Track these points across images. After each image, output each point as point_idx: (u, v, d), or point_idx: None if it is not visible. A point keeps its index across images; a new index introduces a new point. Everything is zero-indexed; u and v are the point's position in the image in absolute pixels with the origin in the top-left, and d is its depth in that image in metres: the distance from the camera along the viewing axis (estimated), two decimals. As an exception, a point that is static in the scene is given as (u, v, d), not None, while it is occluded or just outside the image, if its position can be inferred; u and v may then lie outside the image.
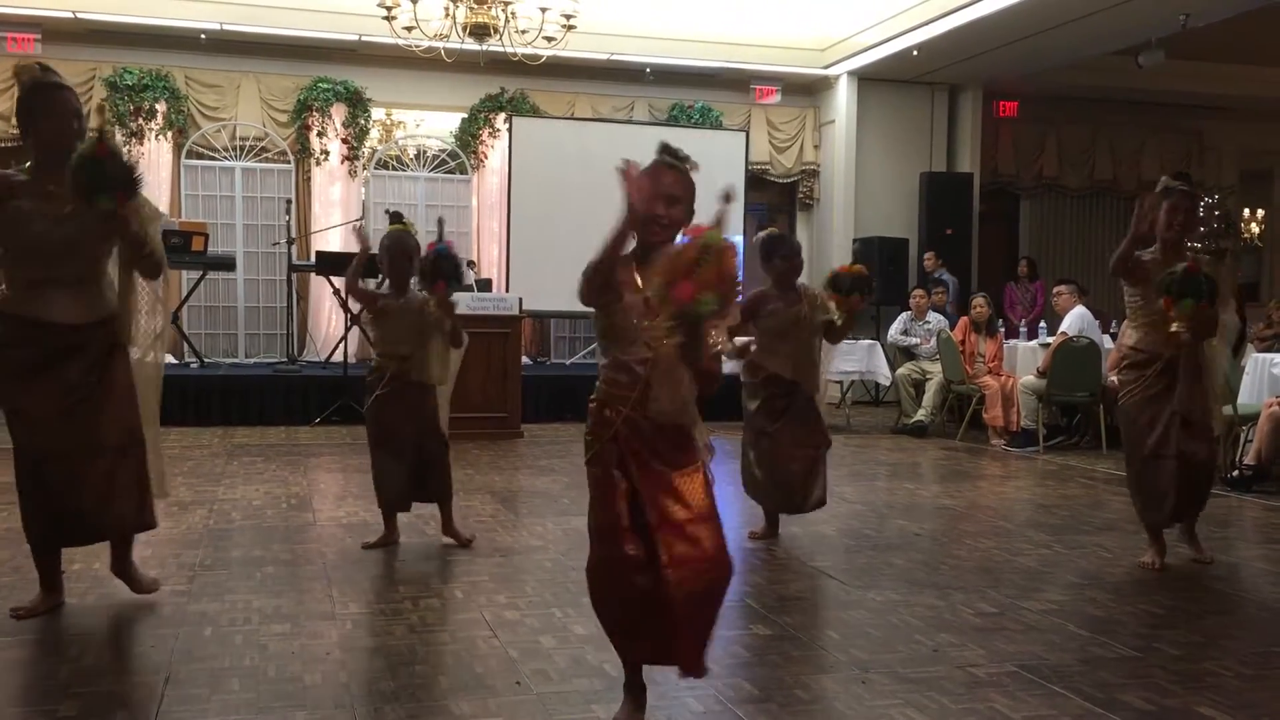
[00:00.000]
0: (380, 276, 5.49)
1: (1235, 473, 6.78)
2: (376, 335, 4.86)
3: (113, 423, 3.68)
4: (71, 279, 3.61)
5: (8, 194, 3.55)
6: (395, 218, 4.83)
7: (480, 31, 9.30)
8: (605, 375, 2.76)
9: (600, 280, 2.68)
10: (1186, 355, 4.58)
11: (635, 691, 2.86)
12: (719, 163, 11.63)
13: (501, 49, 9.57)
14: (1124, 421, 4.86)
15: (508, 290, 10.82)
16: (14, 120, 3.67)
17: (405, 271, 4.74)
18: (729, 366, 3.42)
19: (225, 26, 10.68)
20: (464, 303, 7.91)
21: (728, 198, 2.66)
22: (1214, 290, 4.39)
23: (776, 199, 13.14)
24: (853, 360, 9.93)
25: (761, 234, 5.19)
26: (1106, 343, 9.09)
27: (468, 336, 4.89)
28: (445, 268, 4.57)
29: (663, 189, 2.75)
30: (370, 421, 4.83)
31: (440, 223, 4.90)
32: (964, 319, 9.44)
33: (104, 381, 3.66)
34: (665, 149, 2.84)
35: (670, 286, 2.42)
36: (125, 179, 3.45)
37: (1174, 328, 4.43)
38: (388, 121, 12.76)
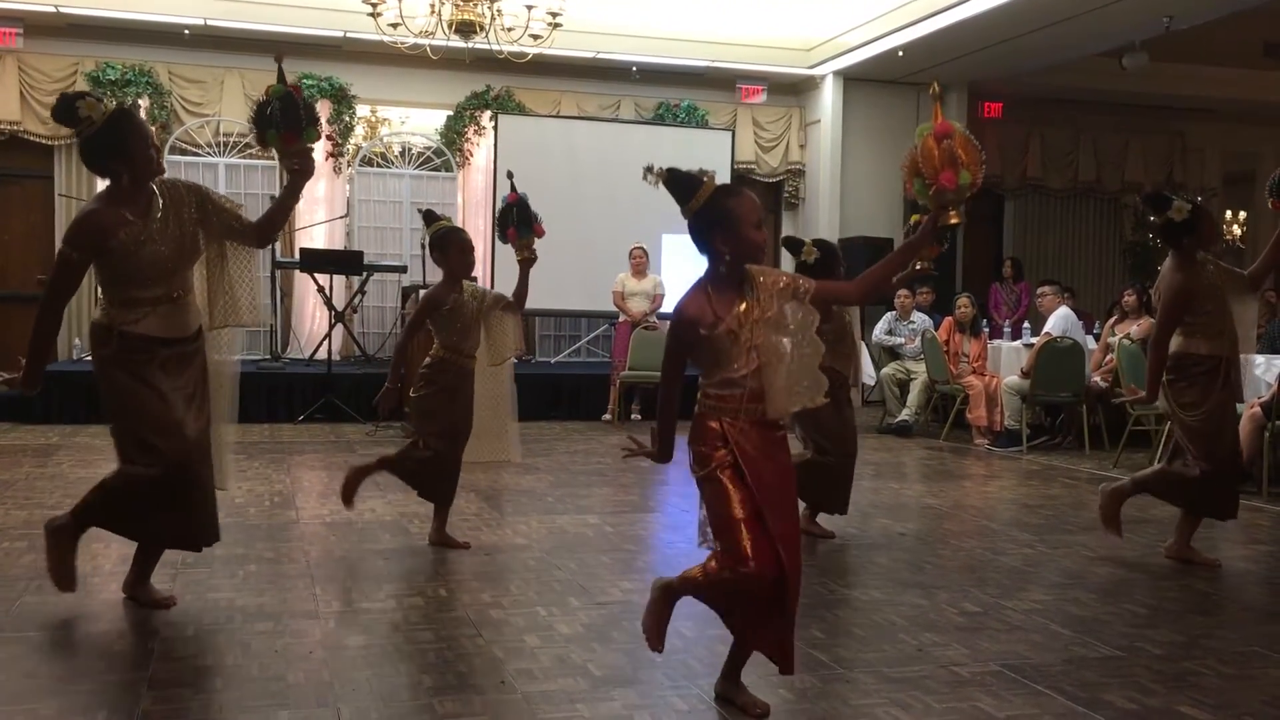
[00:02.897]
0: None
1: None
2: (441, 332, 4.72)
3: (208, 430, 3.75)
4: (173, 295, 3.65)
5: (110, 227, 3.55)
6: (431, 216, 4.81)
7: (466, 29, 9.27)
8: (709, 392, 2.86)
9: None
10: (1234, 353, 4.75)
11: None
12: (704, 162, 11.42)
13: (487, 46, 9.55)
14: (1204, 426, 4.71)
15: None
16: (82, 147, 3.66)
17: (467, 265, 4.75)
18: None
19: (209, 22, 10.62)
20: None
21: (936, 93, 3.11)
22: None
23: (762, 198, 13.13)
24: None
25: (810, 242, 5.15)
26: (1090, 343, 9.13)
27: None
28: (527, 215, 4.71)
29: (757, 214, 2.90)
30: (432, 415, 4.69)
31: (510, 175, 4.94)
32: (948, 319, 9.46)
33: (205, 392, 3.75)
34: (684, 175, 2.93)
35: (934, 182, 2.76)
36: (315, 117, 3.66)
37: None
38: (373, 118, 12.73)
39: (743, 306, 2.80)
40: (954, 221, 2.80)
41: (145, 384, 3.58)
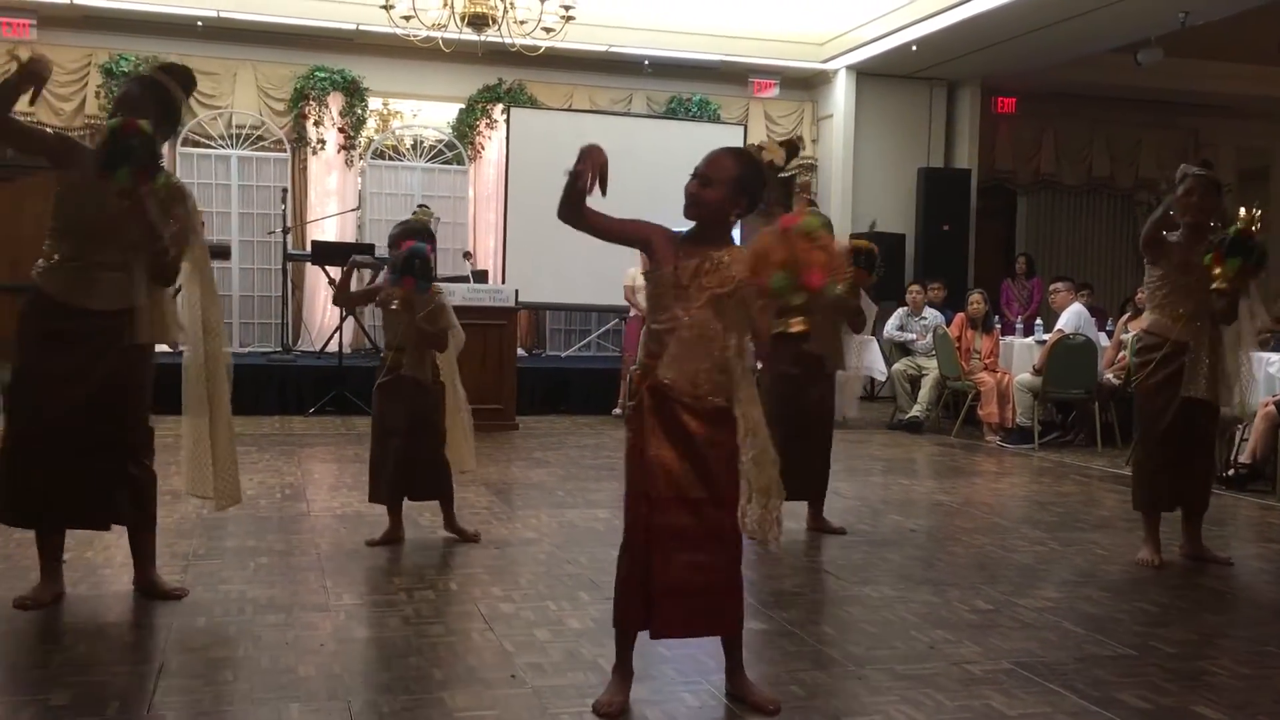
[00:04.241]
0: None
1: (1230, 471, 6.78)
2: (384, 325, 4.83)
3: (117, 417, 3.61)
4: (112, 264, 3.58)
5: (67, 156, 3.56)
6: (421, 211, 4.80)
7: (478, 22, 9.27)
8: (643, 343, 2.89)
9: (566, 212, 2.93)
10: (1207, 338, 4.63)
11: (625, 671, 2.95)
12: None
13: (500, 39, 9.54)
14: (1139, 404, 4.87)
15: (504, 282, 10.78)
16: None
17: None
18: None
19: (222, 14, 10.62)
20: (459, 294, 7.89)
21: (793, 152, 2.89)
22: (1263, 257, 4.51)
23: (773, 193, 13.12)
24: (848, 355, 9.89)
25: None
26: (1103, 340, 9.10)
27: (463, 335, 4.78)
28: (413, 265, 4.43)
29: (697, 168, 2.89)
30: (373, 410, 4.80)
31: (435, 220, 4.84)
32: (960, 315, 9.44)
33: (116, 374, 3.60)
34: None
35: (799, 277, 2.57)
36: (148, 159, 3.42)
37: (1216, 285, 4.51)
38: (385, 111, 12.72)
39: (699, 263, 2.79)
40: (795, 330, 2.71)
41: (32, 348, 3.56)
